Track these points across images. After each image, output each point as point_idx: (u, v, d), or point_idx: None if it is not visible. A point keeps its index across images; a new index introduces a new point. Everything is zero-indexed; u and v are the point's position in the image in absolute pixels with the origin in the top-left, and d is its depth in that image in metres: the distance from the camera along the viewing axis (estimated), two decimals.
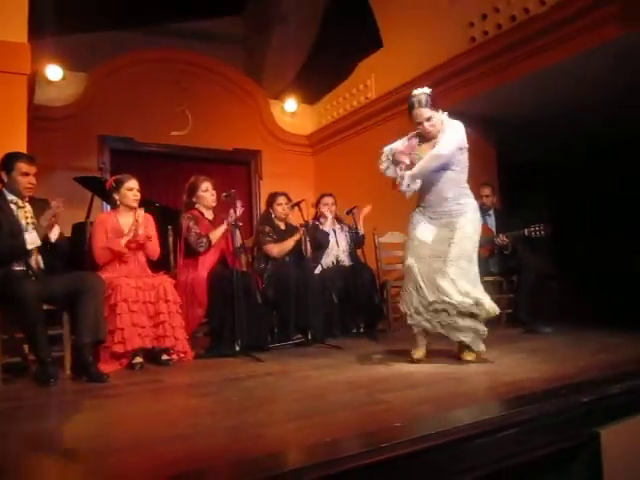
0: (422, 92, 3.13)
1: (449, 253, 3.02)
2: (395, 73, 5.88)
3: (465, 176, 3.18)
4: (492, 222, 5.05)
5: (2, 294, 2.94)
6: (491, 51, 4.89)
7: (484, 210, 5.04)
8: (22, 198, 3.19)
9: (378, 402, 2.18)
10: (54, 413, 2.42)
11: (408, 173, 3.03)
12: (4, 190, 3.18)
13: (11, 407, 2.52)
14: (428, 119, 3.12)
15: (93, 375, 2.93)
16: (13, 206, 3.16)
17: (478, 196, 5.01)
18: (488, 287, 4.77)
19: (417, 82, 5.54)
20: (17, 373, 3.18)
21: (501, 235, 4.75)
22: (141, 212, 3.63)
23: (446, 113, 3.18)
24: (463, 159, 3.16)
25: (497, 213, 5.10)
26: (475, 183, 5.16)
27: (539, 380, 2.38)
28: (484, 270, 4.79)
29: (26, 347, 3.21)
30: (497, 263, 4.90)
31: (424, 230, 3.16)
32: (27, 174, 3.15)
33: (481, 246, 4.81)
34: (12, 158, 3.15)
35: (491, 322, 4.69)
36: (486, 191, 5.03)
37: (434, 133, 3.14)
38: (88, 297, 3.05)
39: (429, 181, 3.14)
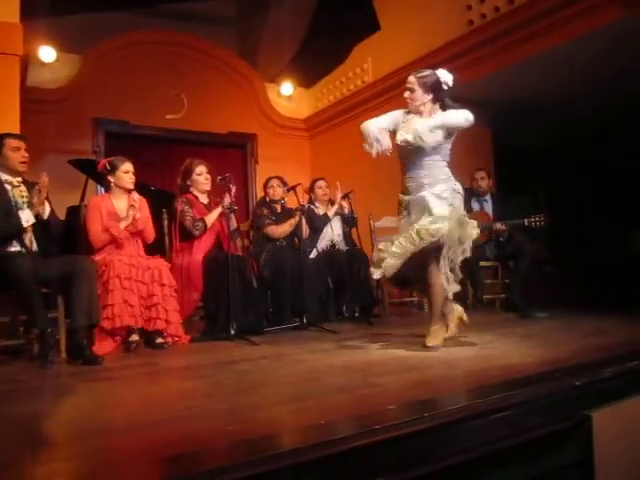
0: (433, 72, 3.07)
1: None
2: (392, 57, 5.84)
3: (445, 164, 3.09)
4: (489, 207, 5.05)
5: None
6: (489, 34, 4.85)
7: (480, 195, 5.04)
8: (17, 175, 3.19)
9: (372, 385, 2.20)
10: (49, 395, 2.42)
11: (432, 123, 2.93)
12: None
13: (7, 389, 2.52)
14: (410, 89, 3.06)
15: (88, 358, 2.93)
16: (8, 186, 3.16)
17: (473, 180, 5.03)
18: (484, 272, 4.83)
19: (414, 66, 5.50)
20: (13, 355, 3.19)
21: (498, 223, 4.75)
22: (136, 195, 3.62)
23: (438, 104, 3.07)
24: (447, 148, 3.08)
25: (494, 198, 5.10)
26: (471, 166, 5.18)
27: (532, 364, 2.40)
28: (480, 255, 4.82)
29: (22, 329, 3.23)
30: (493, 248, 4.91)
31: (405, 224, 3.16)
32: (18, 148, 3.17)
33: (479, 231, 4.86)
34: (0, 137, 3.17)
35: (485, 307, 4.79)
36: (481, 174, 5.03)
37: (413, 107, 3.09)
38: (81, 280, 3.05)
39: (409, 167, 3.11)
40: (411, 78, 3.07)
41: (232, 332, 3.59)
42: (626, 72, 4.77)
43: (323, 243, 4.69)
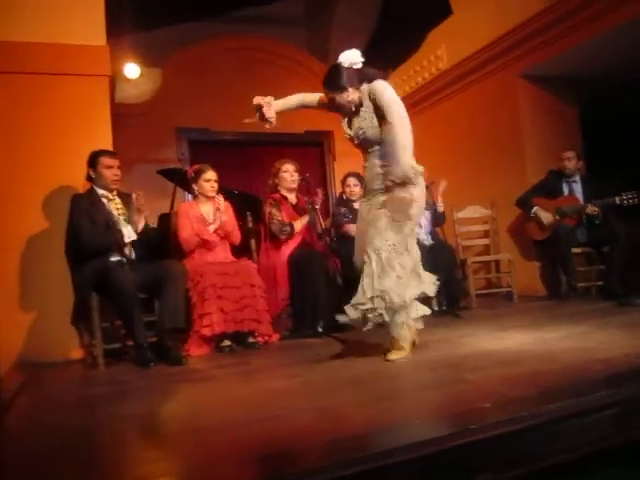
0: (335, 66, 2.81)
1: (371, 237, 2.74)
2: (467, 40, 5.65)
3: None
4: (579, 189, 4.81)
5: (101, 284, 3.15)
6: (571, 7, 4.57)
7: (567, 176, 4.80)
8: (111, 191, 3.41)
9: (465, 382, 2.15)
10: (150, 396, 2.55)
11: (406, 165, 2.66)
12: (94, 186, 3.42)
13: (112, 391, 2.71)
14: (331, 101, 2.85)
15: (172, 359, 3.09)
16: (104, 200, 3.38)
17: (560, 161, 4.80)
18: (577, 259, 4.60)
19: (490, 48, 5.34)
20: (117, 357, 3.40)
21: (590, 205, 4.51)
22: (221, 199, 3.76)
23: (364, 85, 2.82)
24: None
25: (584, 180, 4.84)
26: (558, 148, 4.94)
27: (636, 357, 2.26)
28: (572, 241, 4.59)
29: (122, 332, 3.44)
30: (585, 233, 4.67)
31: (359, 222, 2.94)
32: (110, 167, 3.38)
33: (567, 216, 4.64)
34: (95, 154, 3.41)
35: (580, 296, 4.55)
36: (568, 155, 4.78)
37: (349, 108, 2.85)
38: (169, 285, 3.22)
39: (364, 157, 2.90)
40: (324, 89, 2.87)
41: (319, 330, 3.64)
42: None
43: None
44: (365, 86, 2.82)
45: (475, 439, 1.47)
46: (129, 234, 3.32)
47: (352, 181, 4.58)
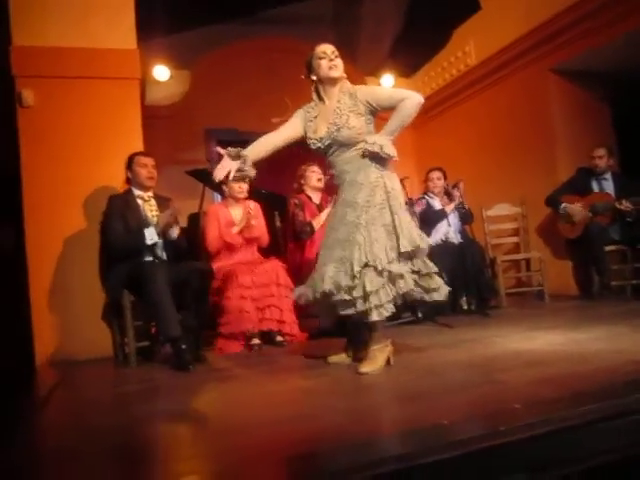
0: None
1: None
2: (495, 36, 5.58)
3: None
4: (610, 187, 4.71)
5: (134, 280, 3.20)
6: (600, 2, 4.47)
7: (597, 174, 4.71)
8: (146, 190, 3.48)
9: (494, 382, 2.13)
10: (182, 394, 2.59)
11: (385, 139, 2.58)
12: (132, 187, 3.51)
13: (145, 388, 2.76)
14: (335, 53, 2.67)
15: (178, 363, 3.01)
16: (140, 201, 3.45)
17: (591, 159, 4.70)
18: (610, 257, 4.50)
19: (519, 44, 5.26)
20: (145, 357, 3.45)
21: (624, 201, 4.41)
22: (252, 204, 3.81)
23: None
24: (369, 130, 2.69)
25: (615, 177, 4.74)
26: (589, 144, 4.84)
27: None
28: (605, 239, 4.50)
29: (153, 330, 3.48)
30: (619, 230, 4.57)
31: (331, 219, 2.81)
32: (145, 165, 3.48)
33: (600, 213, 4.55)
34: (131, 156, 3.52)
35: (614, 295, 4.45)
36: (599, 152, 4.68)
37: (336, 74, 2.69)
38: (192, 284, 3.24)
39: (332, 165, 2.79)
40: (329, 46, 2.70)
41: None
42: None
43: (437, 236, 4.57)
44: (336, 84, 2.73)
45: (505, 441, 1.46)
46: (151, 236, 3.33)
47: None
